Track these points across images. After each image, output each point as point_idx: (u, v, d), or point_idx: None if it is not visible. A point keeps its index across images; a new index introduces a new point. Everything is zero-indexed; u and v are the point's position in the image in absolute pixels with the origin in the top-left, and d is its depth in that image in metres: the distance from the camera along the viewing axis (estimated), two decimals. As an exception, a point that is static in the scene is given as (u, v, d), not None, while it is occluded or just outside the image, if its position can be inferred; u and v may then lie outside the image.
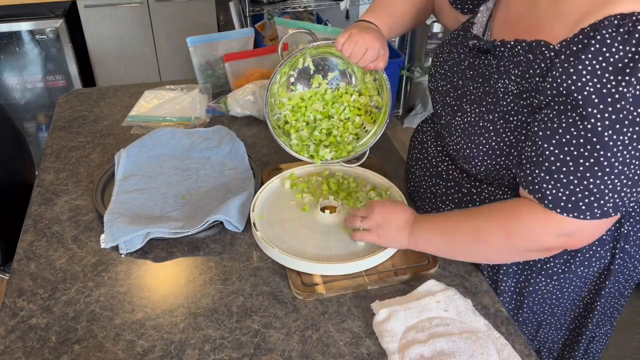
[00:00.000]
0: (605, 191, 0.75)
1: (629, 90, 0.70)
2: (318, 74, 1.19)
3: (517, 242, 0.83)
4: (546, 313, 1.03)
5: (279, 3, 2.64)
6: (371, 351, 0.83)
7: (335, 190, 1.11)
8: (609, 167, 0.73)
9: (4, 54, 2.61)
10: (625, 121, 0.71)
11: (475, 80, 0.92)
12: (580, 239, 0.82)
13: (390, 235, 0.94)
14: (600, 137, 0.72)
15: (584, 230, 0.80)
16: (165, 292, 0.94)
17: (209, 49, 1.57)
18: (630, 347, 2.00)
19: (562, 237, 0.81)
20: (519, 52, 0.84)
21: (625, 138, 0.72)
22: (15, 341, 0.84)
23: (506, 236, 0.83)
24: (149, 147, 1.26)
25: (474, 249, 0.89)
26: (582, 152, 0.74)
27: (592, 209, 0.76)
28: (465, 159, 0.93)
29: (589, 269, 0.95)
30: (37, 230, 1.06)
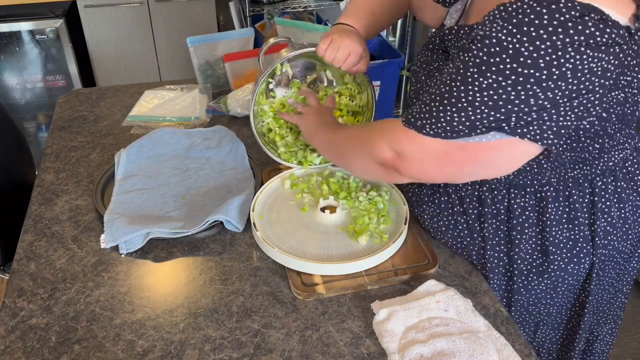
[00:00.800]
0: (442, 117, 0.76)
1: (509, 40, 0.68)
2: (296, 79, 1.20)
3: (362, 145, 0.90)
4: (542, 313, 1.03)
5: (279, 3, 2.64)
6: (371, 351, 0.83)
7: (335, 191, 1.12)
8: (456, 99, 0.74)
9: (4, 54, 2.61)
10: (493, 67, 0.70)
11: (434, 76, 0.93)
12: (409, 160, 0.83)
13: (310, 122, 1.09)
14: (465, 71, 0.72)
15: (414, 148, 0.81)
16: (165, 292, 0.94)
17: (209, 49, 1.57)
18: (630, 347, 2.00)
19: (393, 152, 0.83)
20: (461, 37, 0.84)
21: (484, 82, 0.71)
22: (15, 341, 0.84)
23: (357, 139, 0.92)
24: (149, 147, 1.26)
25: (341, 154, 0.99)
26: (446, 79, 0.76)
27: (423, 124, 0.78)
28: None
29: (579, 265, 0.95)
30: (37, 230, 1.06)
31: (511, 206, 0.92)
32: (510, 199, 0.92)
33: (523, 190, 0.91)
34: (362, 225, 1.02)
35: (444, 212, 1.00)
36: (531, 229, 0.93)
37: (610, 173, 0.91)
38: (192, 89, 1.59)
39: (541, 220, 0.92)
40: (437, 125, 0.77)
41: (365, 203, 1.08)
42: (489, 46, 0.70)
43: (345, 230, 1.03)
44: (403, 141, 0.82)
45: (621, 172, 0.92)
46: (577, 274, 0.97)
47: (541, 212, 0.91)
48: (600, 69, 0.68)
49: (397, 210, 1.07)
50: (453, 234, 1.00)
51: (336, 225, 1.04)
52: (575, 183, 0.89)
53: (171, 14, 2.72)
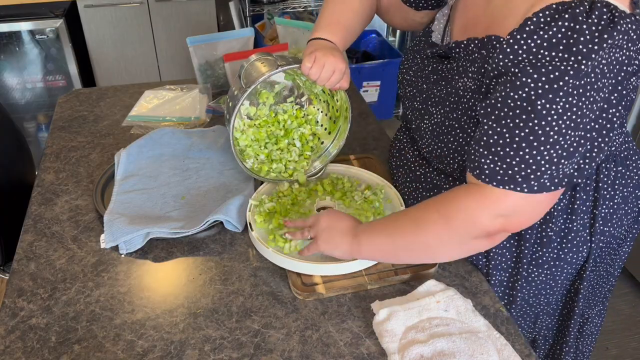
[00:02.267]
0: (542, 162, 0.74)
1: (563, 64, 0.71)
2: (264, 89, 1.15)
3: (455, 227, 0.81)
4: (542, 304, 1.04)
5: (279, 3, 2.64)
6: (371, 351, 0.83)
7: (330, 191, 1.11)
8: (544, 137, 0.73)
9: (4, 54, 2.61)
10: (560, 92, 0.71)
11: (438, 83, 0.93)
12: (519, 217, 0.80)
13: (335, 240, 0.92)
14: (534, 106, 0.73)
15: (521, 206, 0.78)
16: (165, 292, 0.94)
17: (209, 49, 1.57)
18: (631, 347, 2.00)
19: (500, 218, 0.79)
20: (472, 50, 0.85)
21: (559, 107, 0.72)
22: (15, 341, 0.84)
23: (444, 222, 0.82)
24: (149, 147, 1.26)
25: (415, 242, 0.86)
26: (518, 122, 0.74)
27: (529, 181, 0.75)
28: (439, 159, 0.95)
29: (577, 254, 0.96)
30: (37, 230, 1.06)
31: None
32: None
33: None
34: (361, 225, 1.02)
35: None
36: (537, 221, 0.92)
37: (612, 158, 0.92)
38: (192, 89, 1.59)
39: (548, 213, 0.92)
40: (542, 175, 0.75)
41: (360, 202, 1.08)
42: (547, 74, 0.72)
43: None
44: (509, 204, 0.78)
45: (619, 156, 0.93)
46: (575, 262, 0.98)
47: None
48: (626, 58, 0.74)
49: (393, 208, 1.07)
50: None
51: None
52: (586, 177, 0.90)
53: (171, 14, 2.72)
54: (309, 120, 1.19)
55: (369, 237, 0.90)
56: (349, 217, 0.96)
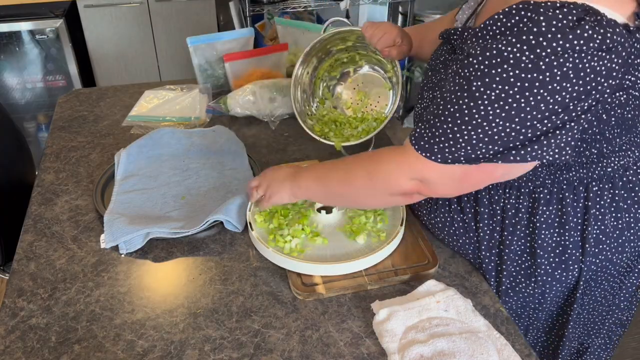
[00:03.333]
0: (460, 139, 0.76)
1: (509, 50, 0.70)
2: (362, 90, 1.33)
3: (377, 184, 0.88)
4: (531, 317, 1.02)
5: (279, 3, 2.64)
6: (371, 351, 0.83)
7: None
8: (469, 117, 0.74)
9: (4, 54, 2.61)
10: (497, 77, 0.71)
11: (439, 72, 0.95)
12: (433, 186, 0.84)
13: (278, 189, 0.99)
14: (469, 86, 0.74)
15: (436, 176, 0.82)
16: (165, 292, 0.94)
17: (209, 49, 1.57)
18: (631, 347, 2.00)
19: (414, 181, 0.83)
20: (465, 39, 0.85)
21: (492, 94, 0.72)
22: (15, 341, 0.84)
23: (368, 178, 0.88)
24: (149, 147, 1.26)
25: (345, 193, 0.94)
26: (452, 97, 0.76)
27: (444, 153, 0.78)
28: None
29: (567, 272, 0.94)
30: (37, 230, 1.06)
31: (505, 206, 0.92)
32: (505, 198, 0.92)
33: (518, 190, 0.91)
34: (359, 225, 1.02)
35: (440, 209, 1.00)
36: (522, 230, 0.92)
37: (608, 180, 0.89)
38: (192, 89, 1.59)
39: (532, 222, 0.91)
40: (457, 150, 0.77)
41: None
42: (490, 58, 0.71)
43: (342, 230, 1.03)
44: (423, 170, 0.82)
45: (620, 180, 0.90)
46: (566, 281, 0.96)
47: (532, 214, 0.91)
48: (605, 69, 0.69)
49: (394, 208, 1.07)
50: (449, 231, 1.00)
51: (333, 225, 1.04)
52: (570, 186, 0.88)
53: (171, 14, 2.72)
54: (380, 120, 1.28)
55: (306, 183, 0.96)
56: (287, 166, 1.04)
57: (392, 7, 3.17)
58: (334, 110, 1.33)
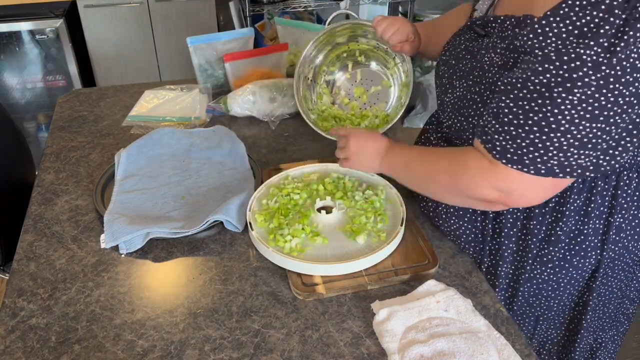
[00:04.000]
0: (551, 148, 0.76)
1: (587, 53, 0.71)
2: (361, 86, 1.29)
3: (458, 187, 0.88)
4: (543, 307, 1.03)
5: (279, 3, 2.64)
6: (371, 351, 0.83)
7: (331, 191, 1.11)
8: (556, 124, 0.75)
9: (4, 54, 2.61)
10: (578, 82, 0.72)
11: (465, 58, 0.95)
12: (519, 196, 0.83)
13: (364, 160, 1.04)
14: (551, 93, 0.74)
15: (524, 187, 0.81)
16: (165, 292, 0.94)
17: (209, 49, 1.57)
18: (631, 347, 2.00)
19: (500, 192, 0.83)
20: (507, 27, 0.85)
21: (574, 98, 0.73)
22: (15, 341, 0.84)
23: (450, 180, 0.89)
24: (149, 147, 1.26)
25: (427, 186, 0.96)
26: (533, 106, 0.76)
27: (536, 164, 0.78)
28: (458, 133, 0.95)
29: (585, 259, 0.95)
30: (37, 230, 1.06)
31: None
32: None
33: None
34: (359, 225, 1.02)
35: None
36: (547, 219, 0.93)
37: (637, 168, 0.90)
38: (192, 89, 1.59)
39: (559, 212, 0.92)
40: (549, 160, 0.77)
41: (361, 202, 1.08)
42: (568, 62, 0.72)
43: (342, 230, 1.03)
44: (510, 182, 0.81)
45: None
46: (582, 269, 0.96)
47: (562, 203, 0.91)
48: None
49: (394, 208, 1.07)
50: (463, 219, 1.00)
51: (333, 225, 1.04)
52: (603, 175, 0.89)
53: (171, 14, 2.72)
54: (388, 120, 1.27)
55: (393, 166, 1.01)
56: (378, 138, 1.04)
57: (392, 7, 3.17)
58: (332, 106, 1.32)
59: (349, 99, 1.32)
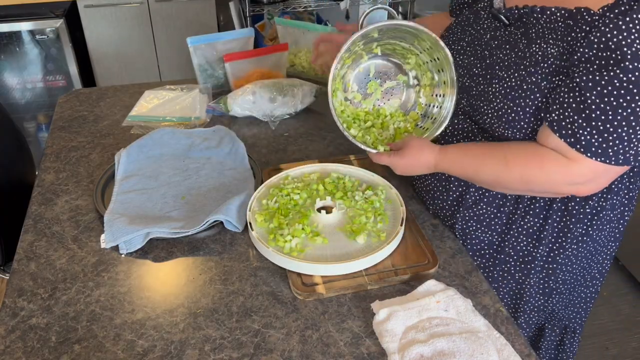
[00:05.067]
0: (634, 140, 0.82)
1: None
2: (376, 80, 1.20)
3: (532, 187, 0.92)
4: (559, 281, 1.07)
5: (279, 3, 2.64)
6: (371, 351, 0.83)
7: (331, 191, 1.12)
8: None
9: (4, 54, 2.61)
10: None
11: (503, 48, 0.97)
12: (593, 185, 0.89)
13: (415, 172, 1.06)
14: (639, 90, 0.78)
15: (598, 176, 0.87)
16: (165, 292, 0.94)
17: (209, 49, 1.57)
18: (631, 347, 2.00)
19: (577, 185, 0.88)
20: (557, 19, 0.88)
21: None
22: (16, 341, 0.84)
23: (523, 182, 0.92)
24: (149, 147, 1.26)
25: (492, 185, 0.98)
26: (622, 102, 0.79)
27: (618, 155, 0.83)
28: (510, 123, 0.95)
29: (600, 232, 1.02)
30: (37, 230, 1.06)
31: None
32: None
33: None
34: (359, 225, 1.02)
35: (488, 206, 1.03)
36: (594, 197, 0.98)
37: None
38: (192, 89, 1.59)
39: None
40: (630, 149, 0.82)
41: (361, 202, 1.08)
42: None
43: (342, 230, 1.03)
44: (585, 174, 0.87)
45: None
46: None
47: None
48: None
49: (394, 208, 1.07)
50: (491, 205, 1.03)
51: (333, 225, 1.04)
52: None
53: (171, 14, 2.72)
54: (409, 121, 1.19)
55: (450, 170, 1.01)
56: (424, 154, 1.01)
57: (392, 7, 3.17)
58: (346, 103, 1.20)
59: (362, 94, 1.21)
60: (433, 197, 1.10)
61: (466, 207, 1.04)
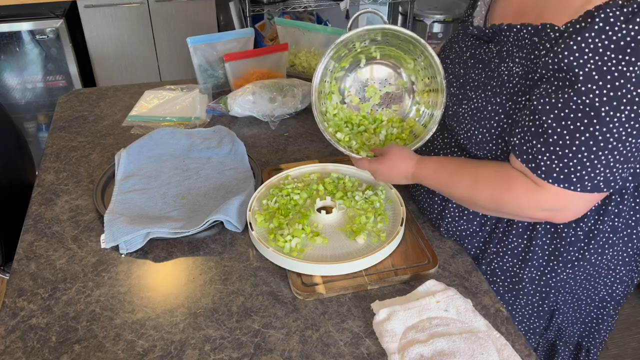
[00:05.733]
0: (598, 165, 0.77)
1: (630, 70, 0.72)
2: (374, 83, 1.17)
3: (504, 210, 0.89)
4: (559, 302, 1.03)
5: (279, 3, 2.64)
6: (371, 351, 0.83)
7: (331, 191, 1.12)
8: (604, 142, 0.75)
9: (4, 54, 2.61)
10: (623, 99, 0.73)
11: (476, 67, 0.94)
12: (566, 213, 0.84)
13: (393, 179, 1.03)
14: (597, 113, 0.74)
15: (570, 204, 0.82)
16: (165, 292, 0.94)
17: (209, 49, 1.57)
18: (631, 347, 2.00)
19: (546, 212, 0.84)
20: (524, 36, 0.85)
21: (623, 116, 0.73)
22: (16, 341, 0.84)
23: (495, 204, 0.88)
24: (149, 147, 1.26)
25: (466, 202, 0.95)
26: (579, 125, 0.76)
27: (583, 182, 0.78)
28: (478, 145, 0.94)
29: (603, 256, 0.96)
30: (37, 230, 1.06)
31: None
32: None
33: None
34: (359, 225, 1.02)
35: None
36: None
37: None
38: (192, 89, 1.59)
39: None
40: (596, 176, 0.78)
41: (361, 202, 1.08)
42: (612, 81, 0.73)
43: (342, 230, 1.03)
44: (559, 201, 0.82)
45: None
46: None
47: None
48: None
49: (394, 208, 1.07)
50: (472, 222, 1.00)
51: (333, 225, 1.04)
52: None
53: (171, 14, 2.72)
54: (405, 127, 1.16)
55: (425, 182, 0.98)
56: (403, 163, 1.00)
57: (392, 7, 3.17)
58: (341, 106, 1.18)
59: (360, 98, 1.19)
60: (422, 206, 1.10)
61: (448, 221, 1.02)
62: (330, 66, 1.11)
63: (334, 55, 1.07)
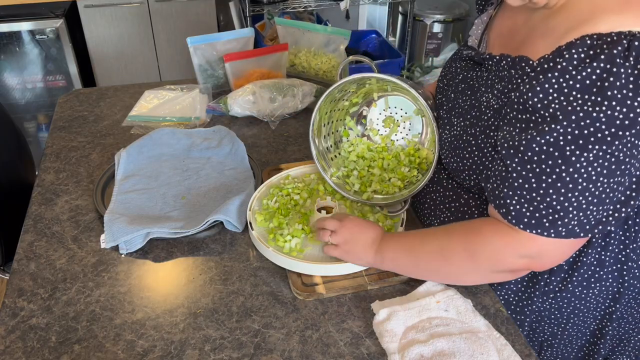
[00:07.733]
0: (570, 208, 0.73)
1: (596, 110, 0.69)
2: (392, 115, 1.13)
3: (480, 262, 0.82)
4: (546, 334, 0.99)
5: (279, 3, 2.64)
6: (371, 351, 0.83)
7: (332, 191, 1.11)
8: (572, 184, 0.72)
9: (4, 54, 2.61)
10: (591, 138, 0.70)
11: (465, 94, 0.92)
12: (545, 260, 0.79)
13: (357, 252, 0.92)
14: (562, 153, 0.71)
15: (548, 250, 0.77)
16: (165, 292, 0.94)
17: (209, 49, 1.57)
18: (630, 347, 2.00)
19: (525, 258, 0.79)
20: (503, 67, 0.83)
21: (590, 155, 0.70)
22: (16, 341, 0.84)
23: (469, 255, 0.82)
24: (149, 147, 1.26)
25: (439, 269, 0.87)
26: (544, 168, 0.73)
27: (556, 227, 0.74)
28: (455, 172, 0.92)
29: (588, 290, 0.90)
30: (37, 230, 1.06)
31: None
32: None
33: None
34: (361, 225, 1.02)
35: None
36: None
37: None
38: (192, 89, 1.59)
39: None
40: (570, 220, 0.73)
41: (361, 204, 1.08)
42: (578, 121, 0.69)
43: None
44: (535, 247, 0.77)
45: None
46: (588, 300, 0.91)
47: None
48: None
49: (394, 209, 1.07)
50: None
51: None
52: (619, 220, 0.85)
53: (171, 14, 2.72)
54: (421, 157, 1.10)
55: (393, 255, 0.89)
56: (371, 227, 0.93)
57: (392, 7, 3.17)
58: (362, 140, 1.14)
59: (378, 130, 1.15)
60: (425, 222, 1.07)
61: None
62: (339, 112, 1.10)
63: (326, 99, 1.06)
